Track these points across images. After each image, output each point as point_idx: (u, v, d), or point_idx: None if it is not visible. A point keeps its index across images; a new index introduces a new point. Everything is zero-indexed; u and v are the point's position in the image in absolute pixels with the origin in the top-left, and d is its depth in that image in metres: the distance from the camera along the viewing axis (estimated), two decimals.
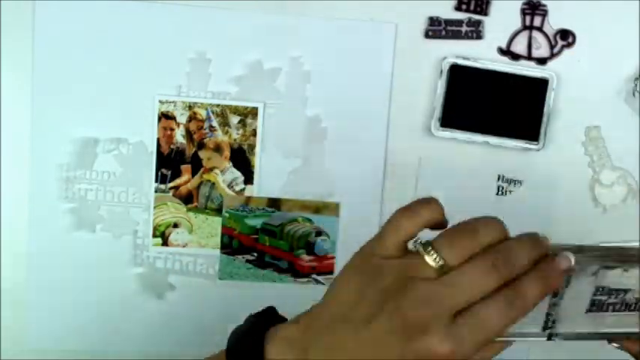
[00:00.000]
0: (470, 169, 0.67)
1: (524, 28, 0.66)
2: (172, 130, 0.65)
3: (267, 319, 0.42)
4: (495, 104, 0.64)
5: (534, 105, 0.60)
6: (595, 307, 0.40)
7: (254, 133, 0.65)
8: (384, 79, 0.65)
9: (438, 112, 0.64)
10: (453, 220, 0.40)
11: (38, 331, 0.65)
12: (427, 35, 0.64)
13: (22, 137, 0.64)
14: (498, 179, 0.66)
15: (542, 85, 0.64)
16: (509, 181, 0.66)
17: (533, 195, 0.67)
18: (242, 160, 0.65)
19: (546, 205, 0.67)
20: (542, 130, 0.64)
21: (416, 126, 0.66)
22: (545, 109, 0.64)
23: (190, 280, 0.66)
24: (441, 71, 0.64)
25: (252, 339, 0.40)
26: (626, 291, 0.40)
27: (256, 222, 0.66)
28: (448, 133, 0.65)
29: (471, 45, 0.65)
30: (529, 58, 0.66)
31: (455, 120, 0.64)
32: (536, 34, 0.66)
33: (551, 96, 0.64)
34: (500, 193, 0.66)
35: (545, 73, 0.64)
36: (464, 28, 0.64)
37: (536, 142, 0.65)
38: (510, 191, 0.66)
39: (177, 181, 0.65)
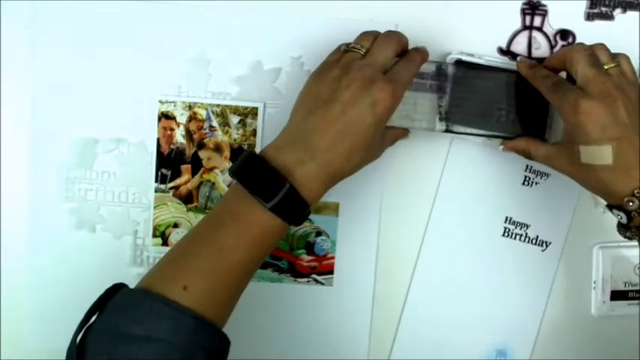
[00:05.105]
0: (474, 167, 0.67)
1: (524, 28, 0.66)
2: (172, 130, 0.65)
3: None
4: (500, 101, 0.63)
5: (541, 102, 0.59)
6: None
7: (254, 133, 0.65)
8: None
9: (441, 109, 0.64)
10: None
11: (38, 331, 0.65)
12: None
13: (22, 137, 0.64)
14: (526, 169, 0.67)
15: None
16: (537, 173, 0.67)
17: (551, 191, 0.67)
18: None
19: (549, 203, 0.67)
20: (548, 128, 0.63)
21: None
22: (551, 107, 0.64)
23: None
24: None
25: (254, 159, 0.51)
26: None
27: None
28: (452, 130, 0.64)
29: (471, 45, 0.65)
30: (529, 58, 0.66)
31: (459, 117, 0.64)
32: (536, 34, 0.66)
33: None
34: (526, 183, 0.67)
35: None
36: None
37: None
38: (537, 183, 0.66)
39: (177, 181, 0.65)
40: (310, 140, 0.51)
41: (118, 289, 0.50)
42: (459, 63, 0.62)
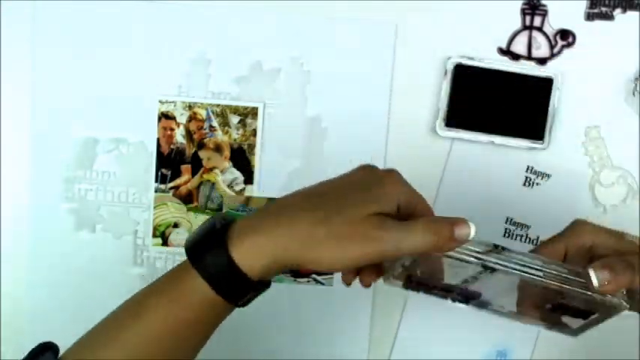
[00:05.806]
0: (475, 168, 0.67)
1: (524, 28, 0.66)
2: (172, 130, 0.65)
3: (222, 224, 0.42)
4: (500, 104, 0.63)
5: (539, 104, 0.59)
6: None
7: (254, 133, 0.65)
8: (384, 78, 0.65)
9: (442, 112, 0.64)
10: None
11: (38, 331, 0.65)
12: None
13: (22, 137, 0.64)
14: (527, 170, 0.67)
15: (546, 84, 0.64)
16: (538, 174, 0.67)
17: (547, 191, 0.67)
18: (242, 160, 0.65)
19: (549, 204, 0.67)
20: (546, 130, 0.64)
21: (421, 126, 0.66)
22: (550, 109, 0.64)
23: None
24: (446, 71, 0.64)
25: (215, 237, 0.41)
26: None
27: None
28: (453, 133, 0.65)
29: (471, 45, 0.65)
30: (529, 58, 0.66)
31: (460, 120, 0.64)
32: (536, 34, 0.66)
33: (555, 95, 0.64)
34: (527, 184, 0.67)
35: (549, 73, 0.64)
36: None
37: (541, 142, 0.65)
38: (538, 183, 0.66)
39: (177, 181, 0.65)
40: (285, 205, 0.44)
41: (46, 350, 0.45)
42: (459, 67, 0.60)
